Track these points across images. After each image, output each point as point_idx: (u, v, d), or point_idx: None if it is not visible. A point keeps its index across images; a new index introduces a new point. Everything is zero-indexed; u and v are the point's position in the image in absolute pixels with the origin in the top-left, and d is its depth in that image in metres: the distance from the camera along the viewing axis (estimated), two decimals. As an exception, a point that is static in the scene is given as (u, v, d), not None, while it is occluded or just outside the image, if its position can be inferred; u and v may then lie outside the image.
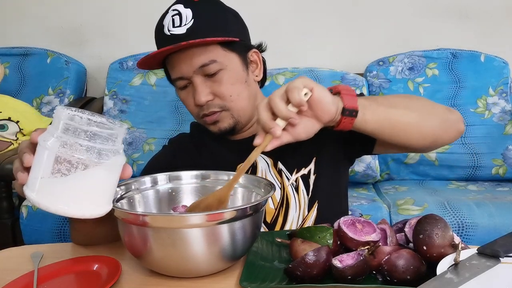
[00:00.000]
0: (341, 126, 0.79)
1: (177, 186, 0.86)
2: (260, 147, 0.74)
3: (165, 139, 1.94)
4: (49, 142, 0.60)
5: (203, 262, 0.69)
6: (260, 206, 0.72)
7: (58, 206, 0.61)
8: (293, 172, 1.00)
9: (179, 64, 0.95)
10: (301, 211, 0.98)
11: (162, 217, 0.71)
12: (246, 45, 1.01)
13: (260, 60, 1.05)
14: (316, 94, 0.73)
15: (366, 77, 2.06)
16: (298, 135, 0.77)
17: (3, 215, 1.65)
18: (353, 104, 0.78)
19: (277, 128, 0.72)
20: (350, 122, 0.79)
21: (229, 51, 0.96)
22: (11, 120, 1.85)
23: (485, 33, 2.16)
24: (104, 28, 2.33)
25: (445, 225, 0.67)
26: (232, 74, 0.96)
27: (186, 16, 0.93)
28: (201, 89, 0.95)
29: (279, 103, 0.72)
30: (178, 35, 0.92)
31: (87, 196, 0.63)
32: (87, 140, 0.60)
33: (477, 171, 1.90)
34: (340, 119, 0.78)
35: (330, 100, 0.75)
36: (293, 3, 2.22)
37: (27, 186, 0.63)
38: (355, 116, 0.78)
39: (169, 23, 0.94)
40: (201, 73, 0.95)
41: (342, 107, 0.77)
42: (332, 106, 0.76)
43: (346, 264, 0.64)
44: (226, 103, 0.96)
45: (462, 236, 1.47)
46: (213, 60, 0.94)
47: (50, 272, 0.73)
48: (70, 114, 0.60)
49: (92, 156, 0.60)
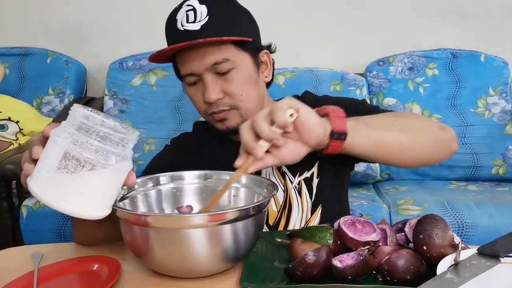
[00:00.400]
0: (330, 149, 0.76)
1: (180, 186, 0.86)
2: (241, 169, 0.72)
3: (165, 139, 1.94)
4: (60, 137, 0.60)
5: (205, 263, 0.69)
6: (263, 206, 0.72)
7: (59, 202, 0.61)
8: (296, 175, 0.99)
9: (191, 60, 0.94)
10: (304, 214, 0.98)
11: (164, 218, 0.71)
12: (258, 45, 1.01)
13: (270, 61, 1.04)
14: (302, 116, 0.70)
15: (366, 77, 2.06)
16: (283, 157, 0.73)
17: (3, 215, 1.65)
18: (341, 126, 0.75)
19: (259, 149, 0.70)
20: (339, 145, 0.76)
21: (241, 50, 0.95)
22: (11, 120, 1.85)
23: (485, 33, 2.16)
24: (104, 28, 2.33)
25: (445, 225, 0.67)
26: (244, 74, 0.95)
27: (201, 12, 0.92)
28: (211, 86, 0.94)
29: (263, 123, 0.69)
30: (192, 31, 0.91)
31: (89, 197, 0.63)
32: (98, 141, 0.60)
33: (477, 171, 1.90)
34: (329, 142, 0.75)
35: (316, 122, 0.72)
36: (293, 3, 2.22)
37: (31, 178, 0.63)
38: (344, 139, 0.75)
39: (182, 18, 0.92)
40: (212, 71, 0.93)
41: (331, 130, 0.74)
42: (318, 129, 0.72)
43: (346, 264, 0.64)
44: (236, 102, 0.95)
45: (462, 236, 1.47)
46: (226, 58, 0.92)
47: (50, 272, 0.73)
48: (85, 113, 0.61)
49: (101, 158, 0.60)
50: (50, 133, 0.62)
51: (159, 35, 1.06)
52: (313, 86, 1.93)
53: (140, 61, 2.08)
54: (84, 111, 0.61)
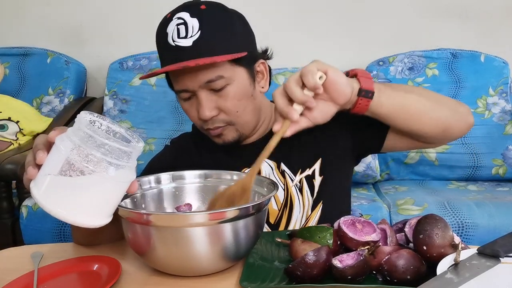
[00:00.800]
0: (357, 108, 0.81)
1: (181, 186, 0.86)
2: (279, 133, 0.75)
3: (165, 139, 1.94)
4: (64, 146, 0.60)
5: (205, 261, 0.69)
6: (263, 205, 0.72)
7: (58, 210, 0.61)
8: (297, 173, 0.99)
9: (184, 78, 0.91)
10: (305, 211, 0.98)
11: (165, 216, 0.71)
12: (253, 56, 0.97)
13: (267, 70, 1.01)
14: (331, 77, 0.75)
15: (366, 77, 2.06)
16: (315, 119, 0.78)
17: (3, 215, 1.65)
18: (369, 85, 0.79)
19: (294, 112, 0.73)
20: (366, 103, 0.80)
21: (236, 65, 0.92)
22: (11, 120, 1.85)
23: (485, 33, 2.16)
24: (104, 28, 2.33)
25: (445, 225, 0.67)
26: (239, 89, 0.93)
27: (193, 27, 0.88)
28: (205, 104, 0.91)
29: (295, 88, 0.73)
30: (184, 48, 0.88)
31: (90, 206, 0.63)
32: (102, 153, 0.60)
33: (477, 171, 1.90)
34: (356, 100, 0.79)
35: (345, 82, 0.77)
36: (293, 3, 2.22)
37: (34, 183, 0.64)
38: (371, 98, 0.79)
39: (173, 32, 0.89)
40: (206, 88, 0.91)
41: (358, 88, 0.79)
42: (347, 88, 0.77)
43: (346, 264, 0.64)
44: (232, 119, 0.94)
45: (462, 236, 1.47)
46: (220, 76, 0.90)
47: (50, 272, 0.73)
48: (91, 122, 0.60)
49: (103, 169, 0.60)
50: (55, 140, 0.62)
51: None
52: (313, 86, 1.93)
53: (140, 61, 2.08)
54: (89, 120, 0.61)
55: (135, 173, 0.66)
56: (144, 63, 2.07)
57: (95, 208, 0.64)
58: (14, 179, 1.61)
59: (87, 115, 0.61)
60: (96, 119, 0.61)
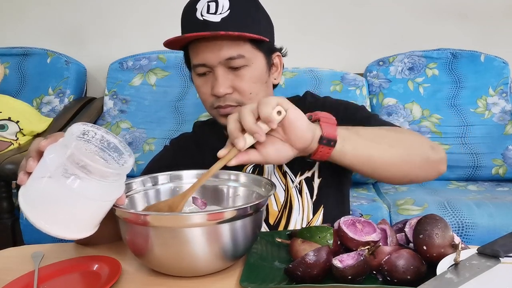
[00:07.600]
0: (318, 155, 0.75)
1: (179, 186, 0.86)
2: (224, 159, 0.71)
3: (165, 139, 1.94)
4: (50, 160, 0.60)
5: (204, 261, 0.69)
6: (261, 205, 0.72)
7: (40, 222, 0.62)
8: (297, 174, 0.99)
9: (206, 51, 0.93)
10: (305, 214, 0.98)
11: (163, 217, 0.71)
12: (272, 47, 1.01)
13: (281, 64, 1.04)
14: (290, 116, 0.70)
15: (366, 77, 2.06)
16: (267, 155, 0.73)
17: (3, 215, 1.65)
18: (332, 133, 0.74)
19: (241, 141, 0.69)
20: (327, 152, 0.75)
21: (257, 49, 0.95)
22: (11, 120, 1.85)
23: (485, 33, 2.16)
24: (104, 28, 2.33)
25: (445, 225, 0.67)
26: (255, 73, 0.95)
27: (223, 5, 0.91)
28: (222, 80, 0.93)
29: (248, 116, 0.69)
30: (212, 23, 0.90)
31: (72, 221, 0.63)
32: (87, 174, 0.59)
33: (477, 171, 1.90)
34: (317, 147, 0.74)
35: (305, 125, 0.72)
36: (293, 3, 2.22)
37: (22, 190, 0.64)
38: (333, 146, 0.75)
39: (203, 8, 0.91)
40: (225, 65, 0.93)
41: (320, 135, 0.74)
42: (307, 133, 0.72)
43: (346, 264, 0.64)
44: (244, 100, 0.95)
45: (462, 236, 1.47)
46: (241, 55, 0.92)
47: (51, 272, 0.73)
48: (80, 141, 0.60)
49: (91, 188, 0.60)
50: (44, 151, 0.62)
51: (159, 35, 1.06)
52: (313, 86, 1.93)
53: (140, 61, 2.08)
54: (76, 137, 0.60)
55: (123, 189, 0.67)
56: (144, 63, 2.07)
57: (78, 222, 0.64)
58: (14, 179, 1.61)
59: (76, 132, 0.60)
60: (90, 129, 0.61)
